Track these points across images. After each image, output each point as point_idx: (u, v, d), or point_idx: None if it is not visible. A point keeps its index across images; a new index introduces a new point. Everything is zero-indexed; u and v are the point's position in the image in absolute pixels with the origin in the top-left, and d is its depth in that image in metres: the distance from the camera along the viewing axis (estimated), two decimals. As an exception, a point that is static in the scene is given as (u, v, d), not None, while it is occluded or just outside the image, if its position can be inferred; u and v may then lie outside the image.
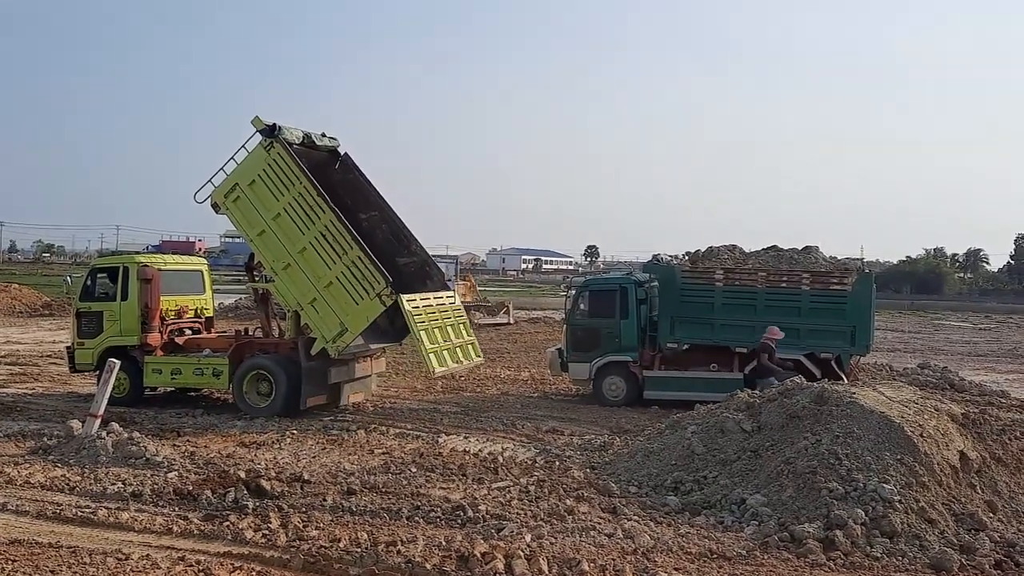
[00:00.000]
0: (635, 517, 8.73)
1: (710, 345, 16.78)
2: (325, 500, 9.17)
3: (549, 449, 12.23)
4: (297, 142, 14.65)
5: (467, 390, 18.20)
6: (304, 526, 8.27)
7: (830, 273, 16.32)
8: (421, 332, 13.64)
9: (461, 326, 15.18)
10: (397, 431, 13.38)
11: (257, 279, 15.37)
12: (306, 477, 10.02)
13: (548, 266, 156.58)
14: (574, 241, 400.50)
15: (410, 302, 13.77)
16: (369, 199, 15.63)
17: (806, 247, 17.69)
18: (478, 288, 43.36)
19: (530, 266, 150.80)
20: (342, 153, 15.90)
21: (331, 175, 15.31)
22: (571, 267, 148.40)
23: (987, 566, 7.53)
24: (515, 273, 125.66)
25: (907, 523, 8.11)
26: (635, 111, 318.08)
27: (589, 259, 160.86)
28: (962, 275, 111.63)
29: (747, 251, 17.72)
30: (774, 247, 17.76)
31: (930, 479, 8.73)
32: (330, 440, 12.57)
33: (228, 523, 8.34)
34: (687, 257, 18.18)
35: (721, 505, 9.08)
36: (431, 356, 13.75)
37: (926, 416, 9.81)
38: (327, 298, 13.79)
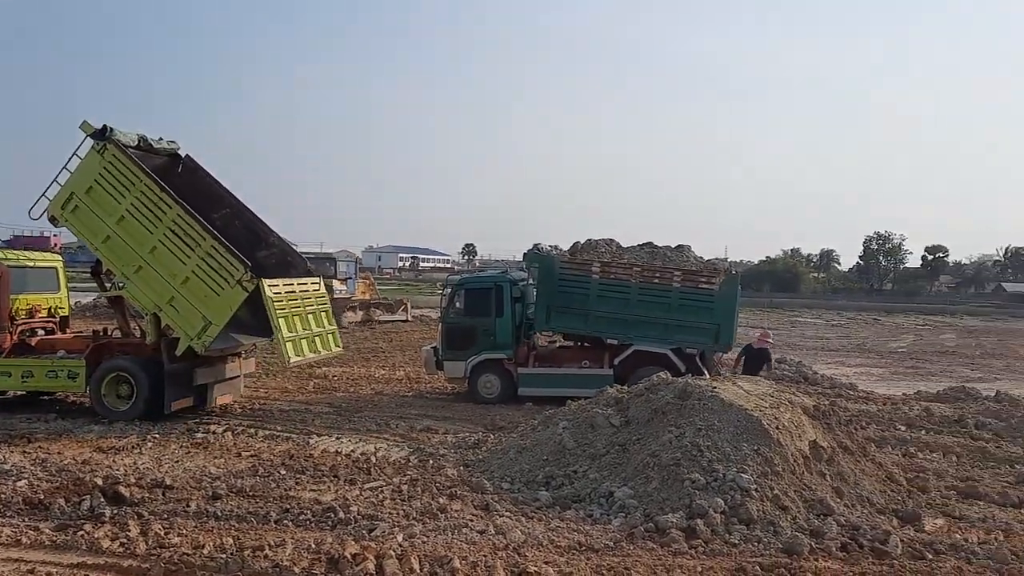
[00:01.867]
0: (507, 513, 8.82)
1: (583, 336, 17.26)
2: (188, 506, 8.83)
3: (423, 448, 12.19)
4: (132, 144, 14.08)
5: (340, 390, 17.93)
6: (166, 533, 7.94)
7: (700, 272, 16.93)
8: (280, 320, 13.30)
9: (323, 314, 14.90)
10: (266, 433, 13.04)
11: (109, 286, 14.60)
12: (168, 482, 9.64)
13: (425, 264, 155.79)
14: (452, 239, 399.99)
15: (272, 287, 13.41)
16: (218, 198, 15.14)
17: (679, 246, 18.30)
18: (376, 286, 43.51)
19: (407, 264, 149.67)
20: (183, 155, 15.38)
21: (174, 179, 14.69)
22: (448, 265, 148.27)
23: (834, 548, 7.99)
24: (392, 271, 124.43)
25: (763, 510, 8.51)
26: (511, 107, 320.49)
27: (466, 257, 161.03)
28: (816, 275, 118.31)
29: (624, 246, 18.19)
30: (649, 244, 18.29)
31: (784, 468, 9.19)
32: (195, 444, 12.12)
33: (83, 533, 7.91)
34: (565, 249, 18.49)
35: (590, 498, 9.28)
36: (288, 345, 13.41)
37: (781, 409, 10.32)
38: (186, 294, 13.26)
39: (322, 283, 15.70)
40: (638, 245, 18.29)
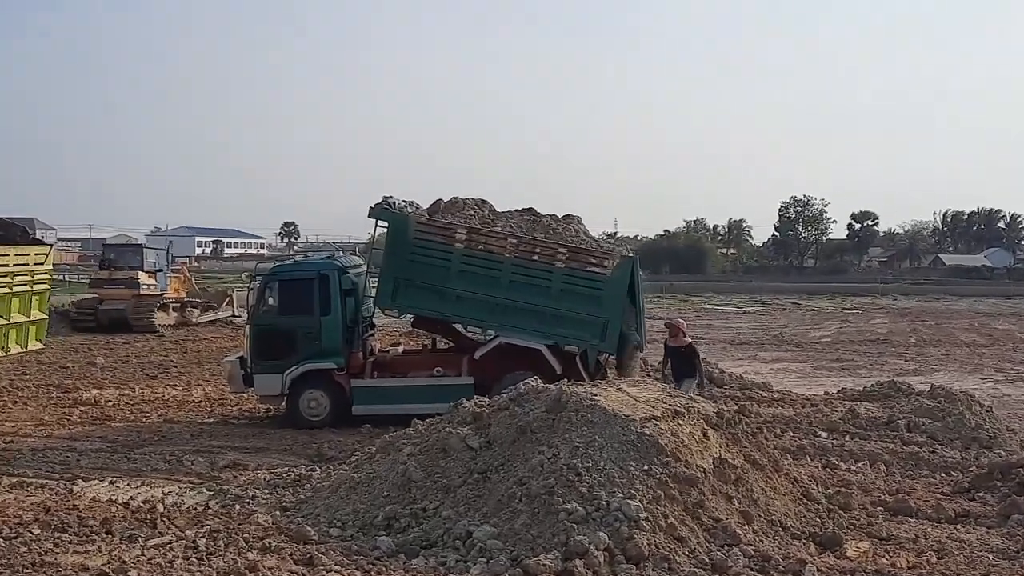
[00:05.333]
0: (336, 567, 8.81)
1: (437, 323, 17.61)
2: (-99, 585, 8.39)
3: (227, 490, 12.02)
4: None
5: (117, 419, 17.41)
6: None
7: (590, 251, 17.20)
8: None
9: (35, 298, 14.29)
10: (14, 480, 12.50)
11: None
12: None
13: (232, 250, 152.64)
14: (267, 217, 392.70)
15: None
16: None
17: (567, 215, 18.41)
18: (193, 280, 42.68)
19: (208, 250, 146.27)
20: None
21: None
22: (263, 250, 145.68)
23: (740, 584, 8.40)
24: (187, 260, 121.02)
25: (655, 544, 8.82)
26: (330, 67, 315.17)
27: (286, 240, 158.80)
28: (725, 251, 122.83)
29: (499, 210, 18.23)
30: (530, 210, 18.35)
31: (680, 491, 9.53)
32: (-89, 500, 11.49)
33: None
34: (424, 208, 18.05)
35: (444, 542, 9.34)
36: None
37: (678, 419, 10.68)
38: None
39: (50, 256, 14.96)
40: (517, 211, 18.32)
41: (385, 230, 17.23)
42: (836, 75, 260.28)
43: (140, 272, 34.87)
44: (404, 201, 17.80)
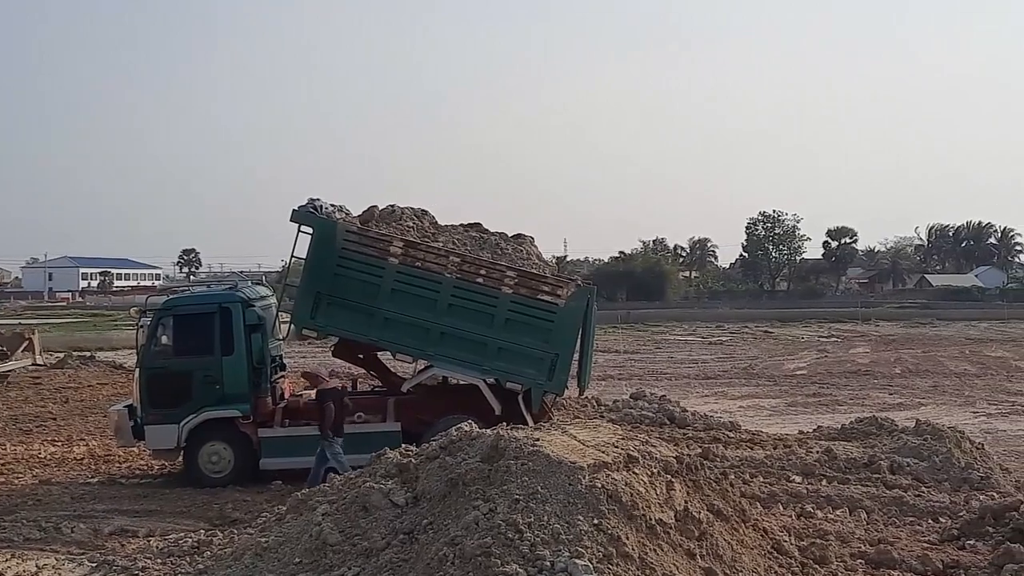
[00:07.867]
0: (240, 647, 8.70)
1: (362, 349, 17.65)
2: None
3: (113, 561, 11.80)
4: None
5: (-17, 481, 17.06)
6: None
7: (543, 277, 17.29)
8: None
9: None
10: None
11: None
12: None
13: (123, 282, 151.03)
14: (163, 245, 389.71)
15: None
16: None
17: (518, 235, 18.50)
18: None
19: (95, 283, 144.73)
20: None
21: None
22: (158, 281, 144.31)
23: (702, 654, 8.40)
24: (71, 296, 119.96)
25: (606, 609, 8.80)
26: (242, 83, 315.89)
27: (185, 269, 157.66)
28: (688, 274, 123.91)
29: (441, 224, 18.26)
30: (476, 226, 18.45)
31: (635, 548, 9.53)
32: None
33: None
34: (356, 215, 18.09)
35: (365, 615, 9.29)
36: None
37: (633, 466, 10.69)
38: None
39: None
40: (462, 225, 18.41)
41: (309, 238, 17.12)
42: (809, 77, 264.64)
43: None
44: (332, 205, 17.71)
